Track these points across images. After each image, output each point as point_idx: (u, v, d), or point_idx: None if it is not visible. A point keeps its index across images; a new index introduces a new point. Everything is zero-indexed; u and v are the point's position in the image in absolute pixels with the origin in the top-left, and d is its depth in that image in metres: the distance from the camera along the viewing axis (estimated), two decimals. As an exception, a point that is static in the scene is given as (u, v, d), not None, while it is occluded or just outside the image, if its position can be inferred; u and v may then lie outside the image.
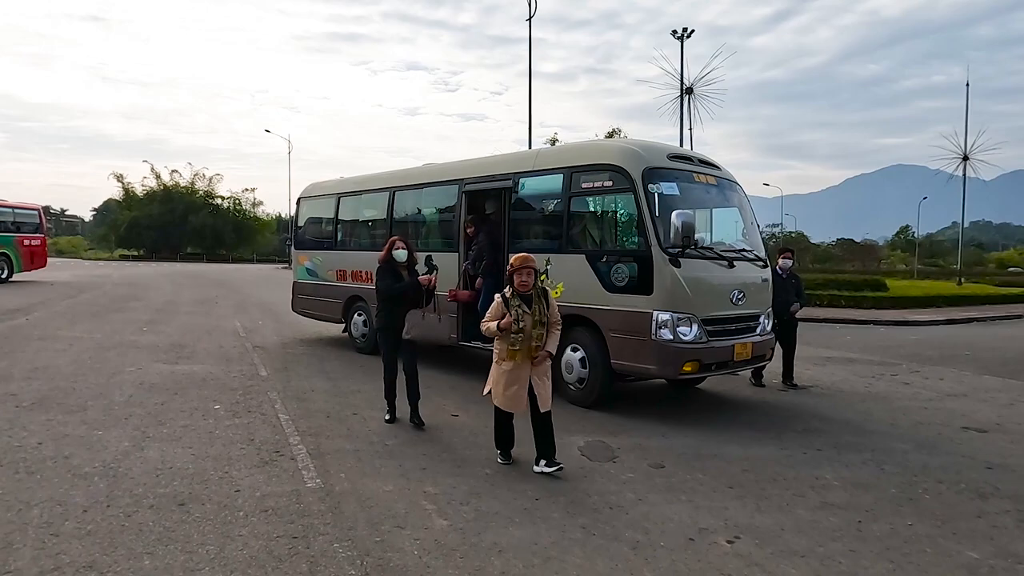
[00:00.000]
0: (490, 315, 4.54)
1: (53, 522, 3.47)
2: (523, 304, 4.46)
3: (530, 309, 4.45)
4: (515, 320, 4.39)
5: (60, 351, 8.67)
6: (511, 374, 4.49)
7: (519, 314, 4.41)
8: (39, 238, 22.37)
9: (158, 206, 61.07)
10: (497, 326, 4.44)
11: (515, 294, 4.49)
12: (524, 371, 4.49)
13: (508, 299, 4.48)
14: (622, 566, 3.22)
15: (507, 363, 4.48)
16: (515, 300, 4.47)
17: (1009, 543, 3.62)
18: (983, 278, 39.58)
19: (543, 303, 4.53)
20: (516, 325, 4.39)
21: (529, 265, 4.49)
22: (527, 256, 4.55)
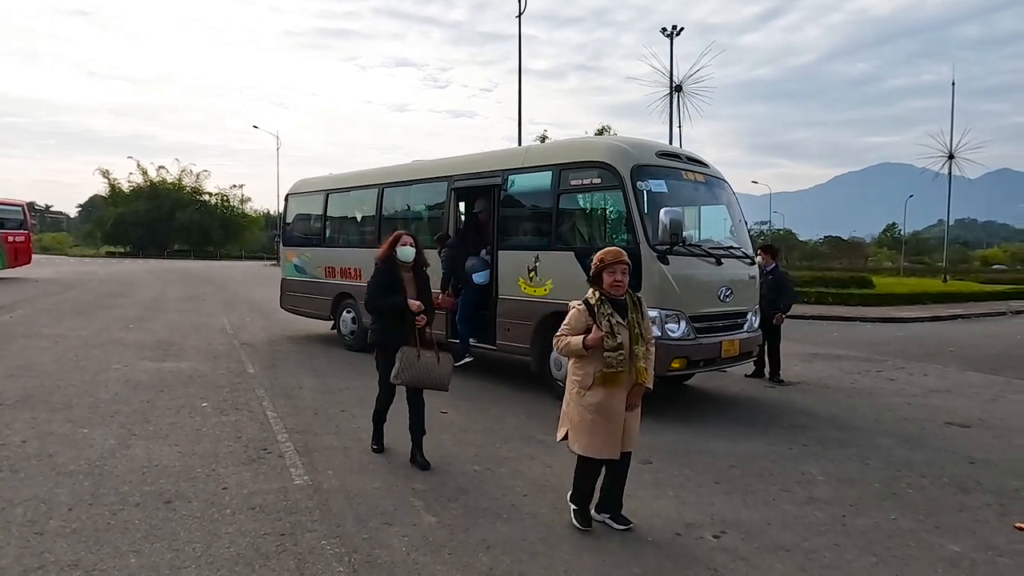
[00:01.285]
0: (567, 328, 3.46)
1: (37, 520, 3.44)
2: (615, 312, 3.41)
3: (625, 320, 3.41)
4: (609, 334, 3.34)
5: (45, 349, 8.58)
6: (603, 407, 3.40)
7: (612, 325, 3.36)
8: (23, 234, 22.12)
9: (145, 202, 60.57)
10: (583, 343, 3.36)
11: (604, 298, 3.43)
12: (619, 402, 3.41)
13: (594, 305, 3.43)
14: (609, 561, 3.24)
15: (596, 393, 3.40)
16: (605, 307, 3.40)
17: (990, 536, 3.67)
18: (968, 276, 40.07)
19: (639, 311, 3.48)
20: (612, 340, 3.33)
21: (623, 260, 3.45)
22: (618, 250, 3.49)
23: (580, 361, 3.47)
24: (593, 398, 3.41)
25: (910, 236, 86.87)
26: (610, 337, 3.33)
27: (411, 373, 4.50)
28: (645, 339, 3.46)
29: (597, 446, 3.43)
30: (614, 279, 3.43)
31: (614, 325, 3.36)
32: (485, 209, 7.91)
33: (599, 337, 3.33)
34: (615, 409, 3.43)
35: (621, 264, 3.44)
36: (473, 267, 7.61)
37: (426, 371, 4.52)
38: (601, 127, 37.14)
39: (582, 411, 3.45)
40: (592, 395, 3.41)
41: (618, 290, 3.43)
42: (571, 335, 3.45)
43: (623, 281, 3.44)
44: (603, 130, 35.21)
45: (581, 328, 3.42)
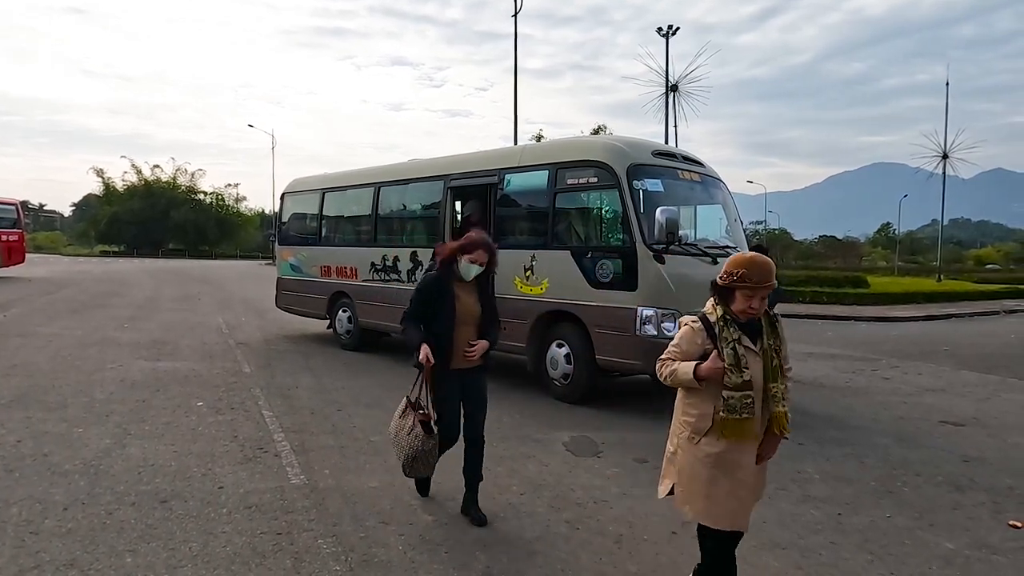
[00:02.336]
0: (676, 351, 2.62)
1: (33, 520, 3.43)
2: (743, 336, 2.54)
3: (756, 346, 2.55)
4: (734, 365, 2.47)
5: (39, 348, 8.54)
6: (725, 462, 2.54)
7: (739, 355, 2.49)
8: (17, 233, 22.00)
9: (139, 201, 60.31)
10: (695, 372, 2.50)
11: (730, 319, 2.55)
12: (748, 455, 2.56)
13: (714, 325, 2.55)
14: (606, 560, 3.25)
15: (715, 442, 2.53)
16: (730, 329, 2.53)
17: (984, 534, 3.69)
18: (962, 275, 40.24)
19: (777, 336, 2.62)
20: (736, 375, 2.46)
21: (770, 283, 2.50)
22: (769, 266, 2.53)
23: (693, 395, 2.59)
24: (711, 447, 2.54)
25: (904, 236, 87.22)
26: (734, 371, 2.45)
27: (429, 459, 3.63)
28: (784, 373, 2.59)
29: (716, 513, 2.57)
30: (750, 305, 2.50)
31: (741, 355, 2.48)
32: (476, 212, 7.85)
33: (718, 369, 2.46)
34: (743, 464, 2.55)
35: (767, 287, 2.49)
36: None
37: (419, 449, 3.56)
38: (597, 126, 37.20)
39: (695, 463, 2.58)
40: (710, 443, 2.54)
41: (750, 317, 2.55)
42: (679, 361, 2.58)
43: (760, 309, 2.54)
44: (599, 129, 35.26)
45: (695, 352, 2.56)
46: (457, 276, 3.63)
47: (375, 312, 8.96)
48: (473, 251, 3.59)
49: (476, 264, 3.60)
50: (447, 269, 3.65)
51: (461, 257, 3.61)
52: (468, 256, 3.59)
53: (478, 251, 3.59)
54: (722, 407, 2.48)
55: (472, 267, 3.61)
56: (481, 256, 3.59)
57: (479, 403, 3.74)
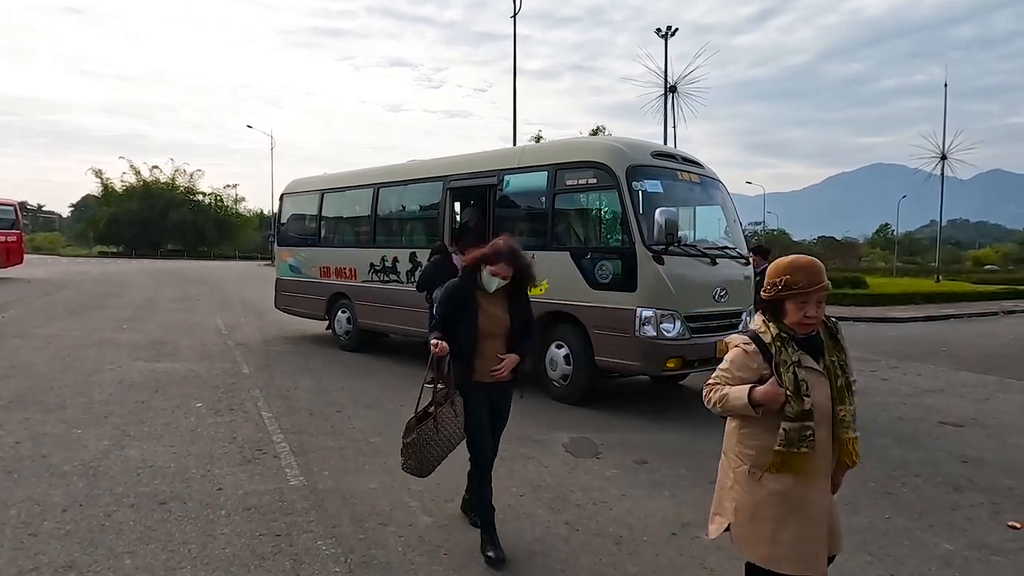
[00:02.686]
0: (725, 375, 2.26)
1: (31, 522, 3.43)
2: (803, 355, 2.18)
3: (819, 364, 2.21)
4: (794, 392, 2.11)
5: (38, 349, 8.53)
6: (794, 499, 2.19)
7: (799, 378, 2.13)
8: (15, 234, 21.98)
9: (137, 202, 60.24)
10: (750, 398, 2.14)
11: (786, 335, 2.20)
12: (820, 491, 2.22)
13: (770, 345, 2.19)
14: (606, 561, 3.25)
15: (779, 478, 2.18)
16: (789, 350, 2.17)
17: (983, 535, 3.69)
18: (960, 276, 40.27)
19: (841, 351, 2.29)
20: (797, 404, 2.11)
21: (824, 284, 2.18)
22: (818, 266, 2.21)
23: (751, 424, 2.23)
24: (776, 484, 2.18)
25: (903, 236, 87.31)
26: (795, 399, 2.10)
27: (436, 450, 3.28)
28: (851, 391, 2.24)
29: (784, 556, 2.19)
30: (805, 314, 2.17)
31: (802, 379, 2.12)
32: (474, 218, 7.83)
33: (777, 396, 2.10)
34: (813, 501, 2.19)
35: (820, 289, 2.16)
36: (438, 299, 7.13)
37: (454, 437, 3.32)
38: (596, 127, 37.22)
39: (758, 502, 2.22)
40: (774, 479, 2.18)
41: (808, 329, 2.21)
42: (731, 385, 2.23)
43: (819, 317, 2.20)
44: (598, 130, 35.27)
45: (750, 379, 2.19)
46: (480, 285, 3.32)
47: (374, 313, 8.96)
48: (496, 263, 3.24)
49: (498, 278, 3.26)
50: (470, 277, 3.34)
51: (484, 268, 3.28)
52: (490, 268, 3.25)
53: (500, 264, 3.23)
54: (781, 440, 2.12)
55: (494, 280, 3.27)
56: (504, 271, 3.24)
57: (500, 424, 3.50)
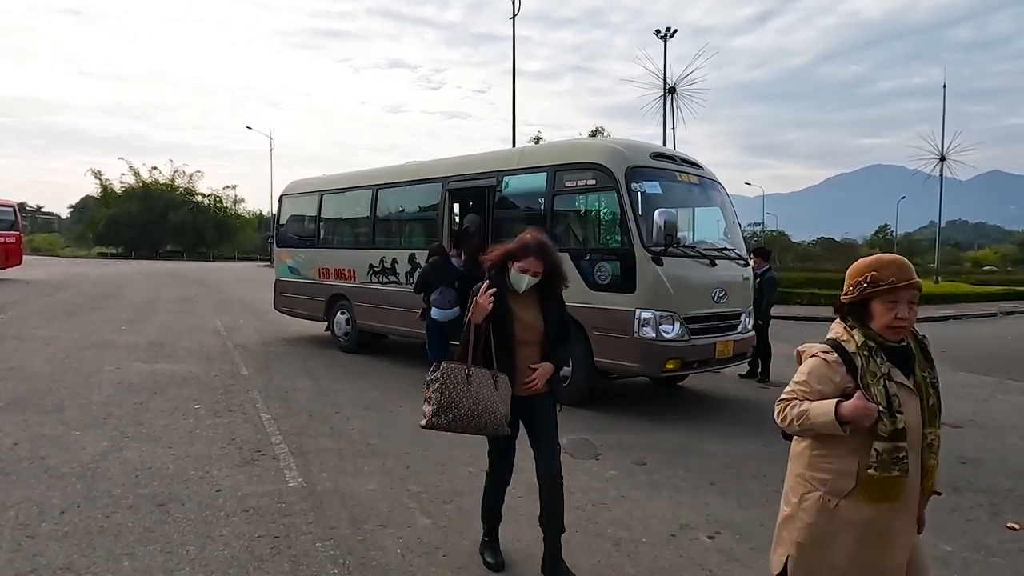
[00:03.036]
0: (802, 388, 2.01)
1: (29, 524, 3.42)
2: (894, 368, 1.94)
3: (909, 380, 1.97)
4: (886, 408, 1.87)
5: (36, 350, 8.53)
6: (873, 531, 1.95)
7: (891, 393, 1.89)
8: (14, 235, 21.96)
9: (137, 203, 60.22)
10: (836, 415, 1.88)
11: (873, 346, 1.94)
12: (905, 524, 1.98)
13: (856, 355, 1.94)
14: (604, 562, 3.24)
15: (859, 506, 1.92)
16: (877, 360, 1.92)
17: (982, 536, 3.69)
18: (959, 277, 40.33)
19: (931, 368, 2.04)
20: (889, 423, 1.86)
21: (915, 282, 1.94)
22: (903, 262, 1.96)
23: (828, 445, 1.97)
24: (854, 513, 1.92)
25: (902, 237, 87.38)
26: (886, 416, 1.86)
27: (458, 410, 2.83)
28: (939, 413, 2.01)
29: None
30: (896, 315, 1.91)
31: (893, 394, 1.88)
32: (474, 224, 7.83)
33: (869, 412, 1.85)
34: (896, 534, 1.95)
35: (911, 287, 1.93)
36: (436, 301, 7.00)
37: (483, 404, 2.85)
38: (595, 128, 37.25)
39: (831, 534, 1.96)
40: (853, 508, 1.93)
41: (899, 333, 1.95)
42: (810, 399, 1.97)
43: (912, 320, 1.95)
44: (597, 131, 35.30)
45: (831, 394, 1.94)
46: (510, 286, 2.99)
47: (373, 314, 8.95)
48: (524, 258, 2.93)
49: (528, 275, 2.94)
50: (498, 278, 3.00)
51: (511, 264, 2.97)
52: (519, 264, 2.94)
53: (530, 259, 2.93)
54: (872, 463, 1.86)
55: (523, 278, 2.94)
56: (534, 266, 2.93)
57: (545, 435, 3.04)
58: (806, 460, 2.05)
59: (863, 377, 1.91)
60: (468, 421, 2.83)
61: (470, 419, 2.83)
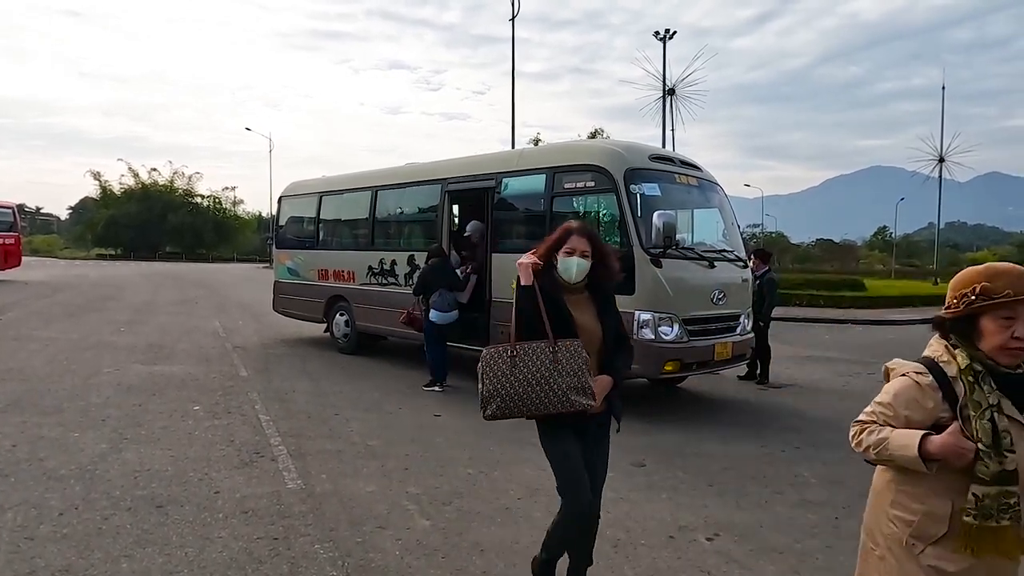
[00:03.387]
0: (884, 412, 1.76)
1: (28, 525, 3.42)
2: (1004, 399, 1.65)
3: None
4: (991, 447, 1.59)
5: (35, 352, 8.52)
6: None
7: (999, 428, 1.61)
8: (13, 236, 21.96)
9: (136, 204, 60.15)
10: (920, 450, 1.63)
11: (980, 370, 1.67)
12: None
13: (956, 380, 1.68)
14: (603, 564, 3.24)
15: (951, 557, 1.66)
16: (984, 388, 1.64)
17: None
18: (958, 278, 40.28)
19: None
20: (992, 462, 1.59)
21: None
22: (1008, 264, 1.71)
23: (914, 480, 1.72)
24: (944, 563, 1.66)
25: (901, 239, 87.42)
26: (991, 456, 1.59)
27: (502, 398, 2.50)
28: None
29: None
30: (1013, 335, 1.63)
31: (1003, 429, 1.61)
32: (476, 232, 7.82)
33: (962, 452, 1.60)
34: None
35: None
36: (435, 304, 6.98)
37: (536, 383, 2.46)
38: (594, 130, 37.29)
39: None
40: (942, 557, 1.66)
41: (1017, 356, 1.65)
42: (892, 425, 1.73)
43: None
44: (596, 133, 35.33)
45: (921, 420, 1.69)
46: (562, 284, 2.61)
47: (372, 316, 8.95)
48: (567, 238, 2.59)
49: (576, 256, 2.57)
50: (548, 278, 2.59)
51: (559, 255, 2.60)
52: (565, 248, 2.59)
53: (572, 238, 2.58)
54: (970, 508, 1.59)
55: (572, 262, 2.57)
56: (580, 243, 2.58)
57: (597, 464, 2.70)
58: (890, 495, 1.77)
59: (964, 407, 1.62)
60: (518, 406, 2.48)
61: (520, 403, 2.48)
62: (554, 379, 2.45)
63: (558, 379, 2.45)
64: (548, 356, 2.47)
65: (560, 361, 2.46)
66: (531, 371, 2.47)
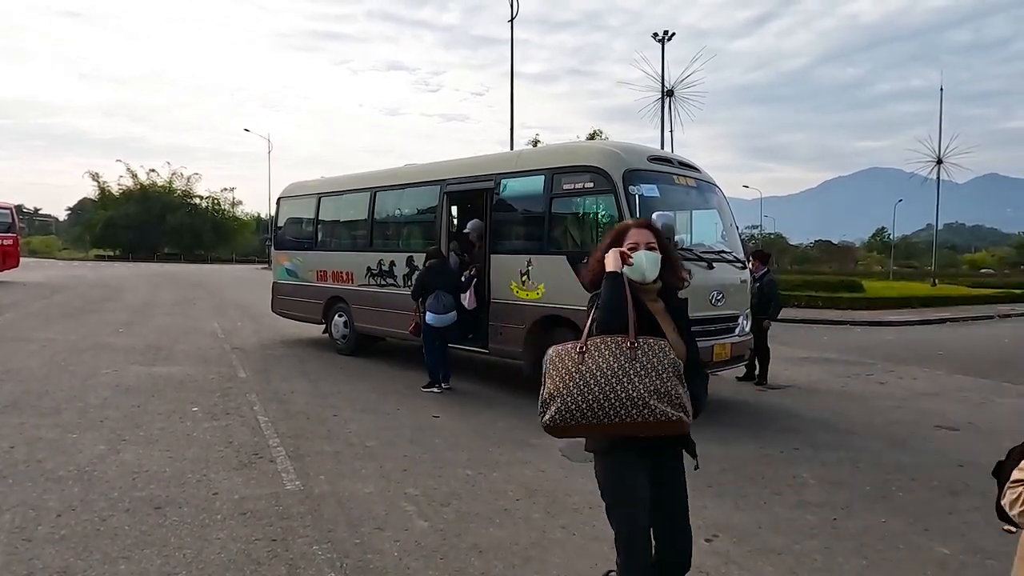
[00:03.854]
0: None
1: (26, 527, 3.41)
2: None
3: None
4: None
5: (33, 353, 8.51)
6: None
7: None
8: (11, 237, 21.93)
9: (134, 205, 60.09)
10: None
11: None
12: None
13: None
14: (602, 565, 3.23)
15: None
16: None
17: (979, 539, 3.69)
18: (957, 279, 40.40)
19: None
20: None
21: None
22: None
23: None
24: None
25: (899, 240, 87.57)
26: None
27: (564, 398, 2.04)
28: None
29: None
30: None
31: None
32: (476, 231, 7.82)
33: None
34: None
35: None
36: (431, 306, 6.94)
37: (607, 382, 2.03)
38: (593, 131, 37.28)
39: None
40: None
41: None
42: None
43: None
44: (595, 134, 35.33)
45: None
46: (636, 287, 2.20)
47: (371, 317, 8.95)
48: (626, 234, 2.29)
49: (643, 249, 2.22)
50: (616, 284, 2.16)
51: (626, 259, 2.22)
52: (628, 244, 2.26)
53: (632, 232, 2.27)
54: None
55: (644, 257, 2.20)
56: (643, 236, 2.25)
57: (672, 507, 2.30)
58: None
59: None
60: (582, 409, 2.00)
61: (586, 407, 2.00)
62: (630, 379, 2.01)
63: (635, 380, 2.00)
64: (625, 352, 2.05)
65: (640, 359, 2.04)
66: (602, 367, 2.03)
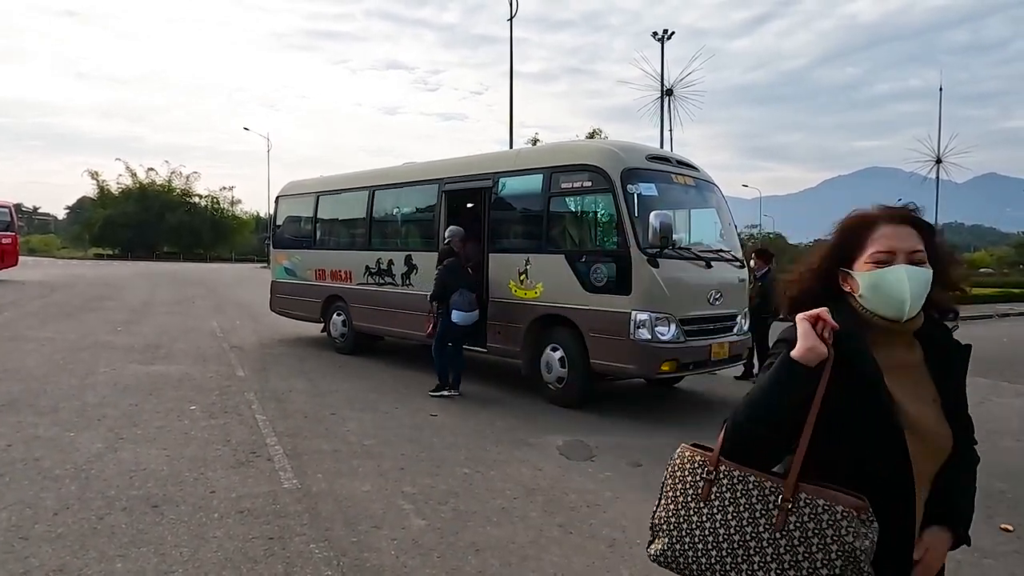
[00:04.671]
0: None
1: (22, 525, 3.41)
2: None
3: None
4: None
5: (31, 351, 8.50)
6: None
7: None
8: (10, 236, 21.90)
9: (133, 204, 60.06)
10: None
11: None
12: None
13: None
14: (599, 564, 3.24)
15: None
16: None
17: (976, 538, 3.66)
18: (955, 279, 40.38)
19: None
20: None
21: None
22: None
23: None
24: None
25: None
26: None
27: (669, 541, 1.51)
28: None
29: None
30: None
31: None
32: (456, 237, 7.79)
33: None
34: None
35: None
36: (456, 304, 6.74)
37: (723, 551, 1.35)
38: (592, 130, 37.30)
39: None
40: None
41: None
42: None
43: None
44: (594, 133, 35.34)
45: None
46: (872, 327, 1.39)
47: (370, 316, 8.95)
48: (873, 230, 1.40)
49: (902, 263, 1.34)
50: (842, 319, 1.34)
51: (853, 269, 1.41)
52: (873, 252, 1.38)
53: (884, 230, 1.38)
54: None
55: (901, 274, 1.33)
56: (903, 238, 1.37)
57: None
58: None
59: None
60: (692, 568, 1.40)
61: (697, 567, 1.39)
62: (763, 561, 1.29)
63: (771, 564, 1.28)
64: (767, 512, 1.32)
65: (792, 532, 1.28)
66: (727, 525, 1.36)
